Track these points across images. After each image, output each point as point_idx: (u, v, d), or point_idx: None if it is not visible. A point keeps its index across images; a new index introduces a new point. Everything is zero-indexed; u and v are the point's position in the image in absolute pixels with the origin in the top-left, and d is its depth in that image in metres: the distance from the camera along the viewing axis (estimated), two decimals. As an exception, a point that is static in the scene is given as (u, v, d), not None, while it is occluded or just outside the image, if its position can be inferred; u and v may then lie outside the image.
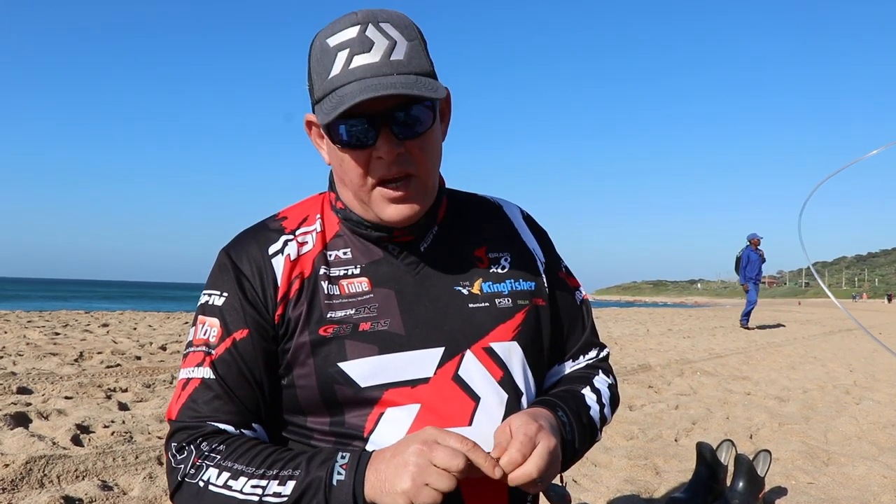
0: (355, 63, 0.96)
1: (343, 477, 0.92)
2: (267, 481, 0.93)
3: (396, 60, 0.97)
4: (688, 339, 11.33)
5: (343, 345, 1.03)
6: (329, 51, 0.98)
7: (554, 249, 1.28)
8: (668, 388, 5.93)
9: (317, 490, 0.92)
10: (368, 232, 1.10)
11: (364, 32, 0.97)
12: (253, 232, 1.14)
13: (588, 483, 3.04)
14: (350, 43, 0.97)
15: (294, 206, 1.19)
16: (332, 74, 0.98)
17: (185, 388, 1.04)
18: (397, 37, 0.98)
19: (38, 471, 2.79)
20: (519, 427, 0.95)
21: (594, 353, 1.27)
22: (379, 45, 0.97)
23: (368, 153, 1.00)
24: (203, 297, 1.11)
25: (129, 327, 10.79)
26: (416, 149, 1.01)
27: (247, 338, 1.05)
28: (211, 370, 1.04)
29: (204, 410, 1.02)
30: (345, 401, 1.03)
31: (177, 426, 1.03)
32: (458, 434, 0.91)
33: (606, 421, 1.20)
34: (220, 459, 0.97)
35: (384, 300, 1.07)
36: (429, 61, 1.02)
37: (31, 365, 5.92)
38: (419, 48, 1.01)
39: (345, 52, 0.97)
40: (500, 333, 1.10)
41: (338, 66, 0.97)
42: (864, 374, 7.24)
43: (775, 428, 4.34)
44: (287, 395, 1.07)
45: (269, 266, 1.08)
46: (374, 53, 0.96)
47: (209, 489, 0.95)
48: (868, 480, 3.20)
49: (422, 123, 1.01)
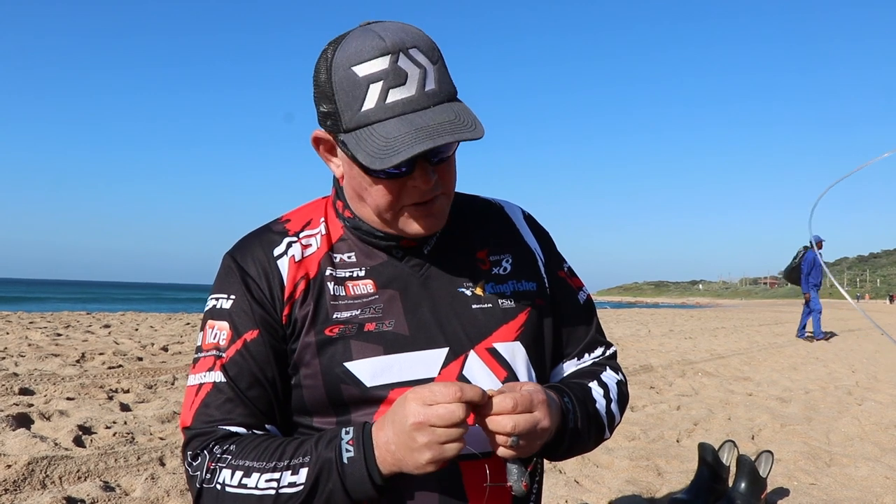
0: (391, 98, 0.95)
1: (353, 453, 0.93)
2: (280, 473, 0.94)
3: (431, 91, 0.97)
4: (689, 339, 11.33)
5: (349, 345, 1.04)
6: (358, 82, 0.96)
7: (556, 249, 1.28)
8: (670, 388, 5.93)
9: (330, 471, 0.92)
10: (377, 241, 1.10)
11: (396, 63, 0.95)
12: (257, 235, 1.14)
13: (590, 484, 3.04)
14: (383, 75, 0.95)
15: (297, 210, 1.19)
16: (365, 108, 0.96)
17: (198, 394, 1.04)
18: (426, 63, 0.98)
19: (40, 472, 2.80)
20: (528, 388, 0.96)
21: (600, 352, 1.27)
22: (412, 75, 0.96)
23: (403, 181, 1.01)
24: (210, 302, 1.10)
25: (130, 328, 10.81)
26: (445, 171, 1.03)
27: (258, 338, 1.05)
28: (222, 373, 1.04)
29: (216, 415, 1.02)
30: (351, 400, 1.03)
31: (191, 434, 1.03)
32: (438, 385, 0.91)
33: (615, 418, 1.19)
34: (232, 459, 0.97)
35: (389, 301, 1.08)
36: (451, 81, 1.03)
37: (33, 366, 5.93)
38: (444, 70, 1.01)
39: (378, 84, 0.95)
40: (504, 334, 1.10)
41: (371, 99, 0.95)
42: (866, 374, 7.24)
43: (777, 429, 4.34)
44: (294, 395, 1.08)
45: (275, 267, 1.09)
46: (409, 87, 0.95)
47: (226, 490, 0.95)
48: (870, 481, 3.20)
49: (451, 149, 1.03)
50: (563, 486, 2.91)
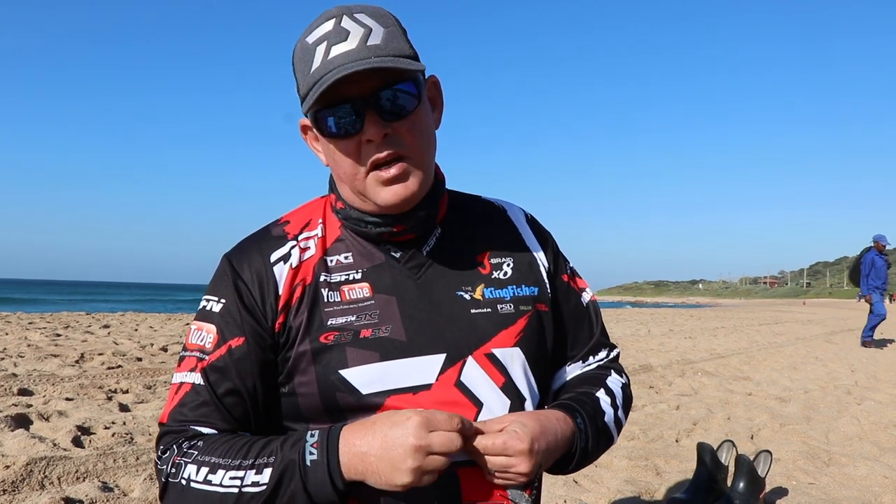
0: (333, 53, 0.97)
1: (316, 456, 0.93)
2: (244, 471, 0.94)
3: (374, 45, 0.98)
4: (689, 339, 11.33)
5: (344, 352, 1.03)
6: (308, 48, 1.00)
7: (558, 251, 1.27)
8: (670, 388, 5.93)
9: (293, 473, 0.92)
10: (370, 230, 1.09)
11: (340, 24, 0.98)
12: (255, 239, 1.14)
13: (589, 484, 3.04)
14: (327, 35, 0.98)
15: (296, 211, 1.19)
16: (313, 68, 0.98)
17: (177, 393, 1.05)
18: (373, 24, 0.99)
19: (39, 472, 2.80)
20: (504, 436, 0.98)
21: (604, 354, 1.26)
22: (355, 33, 0.98)
23: (357, 140, 1.01)
24: (202, 303, 1.10)
25: (130, 328, 10.81)
26: (405, 129, 1.02)
27: (242, 345, 1.05)
28: (202, 376, 1.04)
29: (189, 416, 1.03)
30: (347, 408, 1.02)
31: (164, 430, 1.04)
32: (441, 413, 0.93)
33: (622, 423, 1.19)
34: (198, 455, 0.97)
35: (385, 306, 1.07)
36: (409, 45, 1.03)
37: (32, 366, 5.93)
38: (397, 33, 1.02)
39: (322, 44, 0.98)
40: (502, 339, 1.09)
41: (317, 59, 0.98)
42: (865, 374, 7.24)
43: (776, 428, 4.34)
44: (288, 402, 1.07)
45: (271, 274, 1.08)
46: (350, 41, 0.97)
47: (191, 486, 0.95)
48: (869, 481, 3.19)
49: (408, 103, 1.01)
50: (562, 486, 2.91)
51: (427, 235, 1.13)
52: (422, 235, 1.12)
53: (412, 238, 1.11)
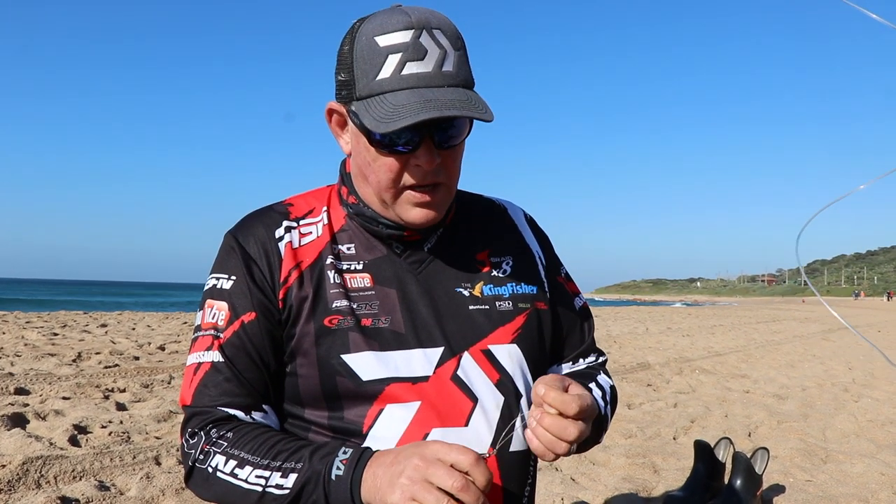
0: (407, 70, 0.96)
1: (342, 472, 0.92)
2: (270, 472, 0.95)
3: (447, 72, 0.98)
4: (687, 337, 11.35)
5: (347, 337, 1.04)
6: (379, 51, 0.98)
7: (554, 253, 1.29)
8: (667, 386, 5.94)
9: (316, 484, 0.93)
10: (380, 229, 1.10)
11: (418, 39, 0.97)
12: (259, 214, 1.15)
13: (586, 481, 3.04)
14: (403, 48, 0.96)
15: (301, 196, 1.19)
16: (381, 76, 0.97)
17: (197, 373, 1.05)
18: (447, 46, 0.99)
19: (35, 471, 2.79)
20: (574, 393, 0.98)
21: (593, 358, 1.28)
22: (431, 53, 0.97)
23: (406, 158, 1.01)
24: (210, 281, 1.11)
25: (127, 328, 10.80)
26: (450, 159, 1.03)
27: (254, 321, 1.06)
28: (220, 353, 1.04)
29: (215, 394, 1.04)
30: (345, 394, 1.03)
31: (190, 412, 1.04)
32: (461, 448, 0.89)
33: (608, 420, 1.20)
34: (228, 447, 0.98)
35: (386, 298, 1.08)
36: (470, 72, 1.04)
37: (29, 365, 5.92)
38: (465, 59, 1.02)
39: (397, 56, 0.97)
40: (500, 336, 1.10)
41: (388, 68, 0.97)
42: (862, 371, 7.25)
43: (774, 426, 4.34)
44: (289, 383, 1.08)
45: (276, 249, 1.09)
46: (426, 62, 0.97)
47: (217, 475, 0.97)
48: (866, 478, 3.20)
49: (460, 135, 1.03)
50: (560, 484, 2.91)
51: (430, 234, 1.14)
52: (426, 235, 1.13)
53: (416, 238, 1.13)
